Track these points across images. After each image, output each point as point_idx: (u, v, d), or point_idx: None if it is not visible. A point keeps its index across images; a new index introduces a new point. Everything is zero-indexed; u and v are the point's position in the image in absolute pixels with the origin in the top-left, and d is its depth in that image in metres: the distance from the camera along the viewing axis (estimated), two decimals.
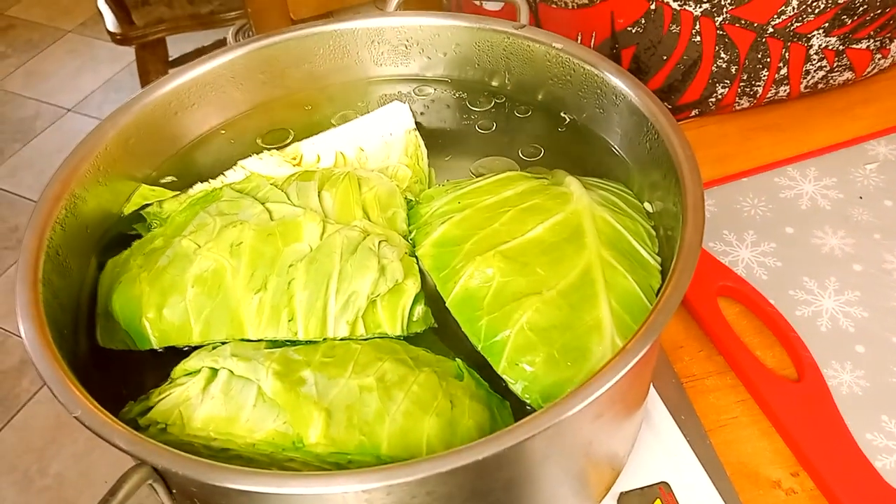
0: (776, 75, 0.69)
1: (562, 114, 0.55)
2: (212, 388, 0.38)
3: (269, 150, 0.54)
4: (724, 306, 0.58)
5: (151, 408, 0.39)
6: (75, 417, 0.35)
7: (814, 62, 0.68)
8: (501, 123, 0.56)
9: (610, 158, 0.52)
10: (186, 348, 0.43)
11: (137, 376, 0.44)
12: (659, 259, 0.45)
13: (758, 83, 0.69)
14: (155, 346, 0.43)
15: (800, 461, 0.51)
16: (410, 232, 0.48)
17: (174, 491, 0.36)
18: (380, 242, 0.44)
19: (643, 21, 0.67)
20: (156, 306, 0.43)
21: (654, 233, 0.47)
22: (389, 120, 0.56)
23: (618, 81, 0.49)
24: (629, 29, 0.67)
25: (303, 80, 0.57)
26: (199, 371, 0.40)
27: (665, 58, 0.68)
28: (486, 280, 0.43)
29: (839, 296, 0.59)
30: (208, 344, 0.42)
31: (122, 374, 0.44)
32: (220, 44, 2.03)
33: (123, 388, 0.43)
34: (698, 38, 0.66)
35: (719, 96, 0.70)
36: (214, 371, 0.39)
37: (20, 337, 0.38)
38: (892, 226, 0.63)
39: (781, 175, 0.68)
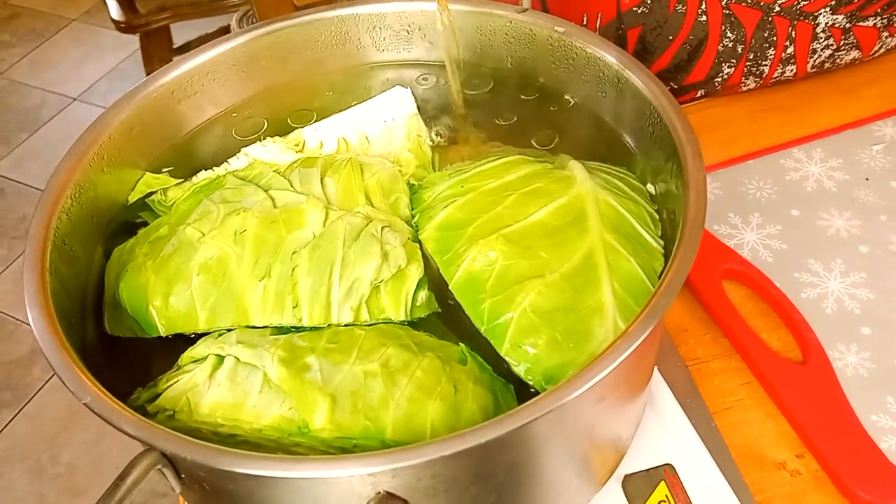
0: (783, 54, 0.68)
1: (564, 97, 0.55)
2: (218, 375, 0.39)
3: (271, 136, 0.54)
4: (730, 289, 0.58)
5: (159, 395, 0.40)
6: (85, 404, 0.35)
7: (820, 41, 0.68)
8: (503, 107, 0.56)
9: (613, 142, 0.52)
10: (193, 335, 0.44)
11: (145, 363, 0.44)
12: (662, 242, 0.45)
13: (764, 62, 0.69)
14: (162, 334, 0.44)
15: (805, 443, 0.51)
16: (413, 216, 0.48)
17: (183, 476, 0.36)
18: (382, 228, 0.44)
19: (649, 1, 0.66)
20: (162, 294, 0.43)
21: (657, 216, 0.47)
22: (392, 105, 0.56)
23: (620, 65, 0.49)
24: (635, 9, 0.67)
25: (305, 66, 0.57)
26: (205, 358, 0.40)
27: (671, 38, 0.68)
28: (489, 263, 0.43)
29: (845, 278, 0.58)
30: (214, 331, 0.43)
31: (130, 360, 0.45)
32: (224, 30, 2.03)
33: (131, 374, 0.43)
34: (704, 18, 0.65)
35: (725, 76, 0.70)
36: (221, 358, 0.40)
37: (30, 326, 0.39)
38: None
39: (787, 157, 0.67)
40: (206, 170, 0.52)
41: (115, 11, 1.80)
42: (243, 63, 0.55)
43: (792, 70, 0.70)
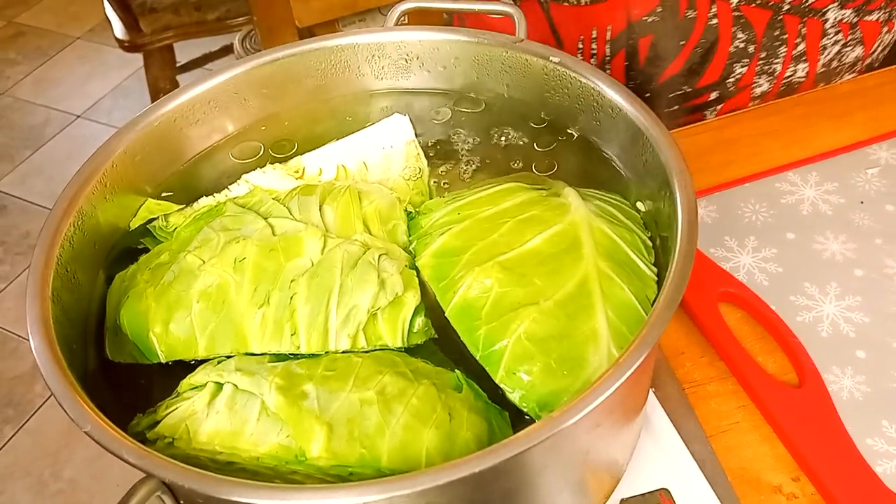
0: (794, 52, 0.69)
1: (560, 126, 0.56)
2: (217, 403, 0.39)
3: (272, 163, 0.55)
4: (726, 312, 0.59)
5: (159, 422, 0.40)
6: (85, 432, 0.36)
7: (829, 36, 0.68)
8: (499, 135, 0.57)
9: (607, 170, 0.53)
10: (193, 362, 0.44)
11: (145, 389, 0.45)
12: (655, 269, 0.46)
13: (776, 60, 0.69)
14: (162, 360, 0.44)
15: (801, 466, 0.51)
16: (411, 243, 0.49)
17: (181, 502, 0.37)
18: (380, 256, 0.45)
19: (659, 9, 0.67)
20: (162, 321, 0.44)
21: (650, 243, 0.48)
22: (390, 132, 0.57)
23: (613, 94, 0.50)
24: (645, 19, 0.68)
25: (305, 94, 0.58)
26: (204, 385, 0.41)
27: (682, 43, 0.68)
28: (485, 290, 0.44)
29: (840, 301, 0.59)
30: (214, 358, 0.43)
31: (131, 386, 0.45)
32: (227, 49, 2.05)
33: (132, 400, 0.44)
34: (715, 21, 0.66)
35: (738, 76, 0.70)
36: (219, 385, 0.40)
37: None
38: (893, 230, 0.63)
39: (782, 180, 0.68)
40: (207, 196, 0.53)
41: (119, 30, 1.82)
42: (244, 91, 0.56)
43: (804, 69, 0.71)
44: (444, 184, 0.55)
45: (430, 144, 0.57)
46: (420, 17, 0.59)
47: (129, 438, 0.36)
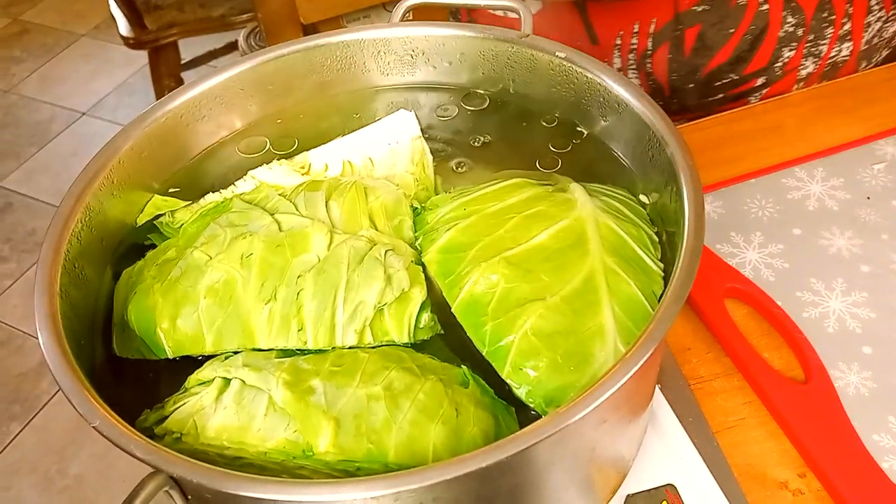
0: (840, 31, 0.68)
1: (565, 121, 0.56)
2: (224, 398, 0.40)
3: (278, 159, 0.55)
4: (732, 308, 0.59)
5: (167, 417, 0.41)
6: (94, 427, 0.36)
7: (874, 13, 0.68)
8: (505, 130, 0.57)
9: (613, 165, 0.53)
10: (200, 357, 0.44)
11: (153, 384, 0.45)
12: (661, 265, 0.46)
13: (822, 42, 0.69)
14: (170, 356, 0.44)
15: (807, 462, 0.51)
16: (416, 238, 0.49)
17: (189, 497, 0.37)
18: (386, 252, 0.45)
19: None
20: (169, 317, 0.44)
21: (656, 238, 0.48)
22: (396, 128, 0.57)
23: (620, 90, 0.50)
24: (695, 8, 0.67)
25: (311, 90, 0.58)
26: (212, 381, 0.41)
27: (732, 31, 0.68)
28: (491, 286, 0.44)
29: (846, 297, 0.59)
30: (221, 353, 0.43)
31: (138, 382, 0.46)
32: (232, 46, 2.05)
33: (139, 395, 0.44)
34: (766, 6, 0.66)
35: (785, 60, 0.70)
36: (227, 381, 0.41)
37: (39, 340, 0.39)
38: None
39: (789, 176, 0.68)
40: (213, 192, 0.53)
41: (124, 28, 1.82)
42: (250, 87, 0.56)
43: (848, 48, 0.70)
44: (449, 179, 0.55)
45: (435, 140, 0.57)
46: (425, 14, 0.59)
47: (137, 433, 0.36)
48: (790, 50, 0.69)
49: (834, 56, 0.71)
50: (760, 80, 0.72)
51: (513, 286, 0.43)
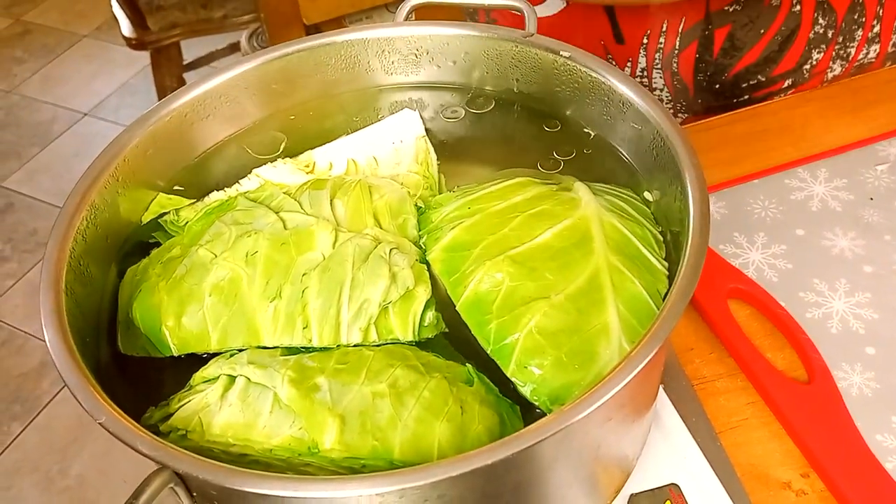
0: (869, 34, 0.68)
1: (570, 121, 0.56)
2: (229, 396, 0.40)
3: (282, 158, 0.55)
4: (735, 309, 0.59)
5: (172, 414, 0.41)
6: (100, 424, 0.36)
7: None
8: (509, 130, 0.57)
9: (618, 164, 0.53)
10: (205, 355, 0.44)
11: (158, 382, 0.45)
12: (666, 264, 0.46)
13: (851, 44, 0.69)
14: (175, 354, 0.44)
15: (810, 462, 0.51)
16: (421, 237, 0.49)
17: (195, 494, 0.37)
18: (391, 250, 0.45)
19: None
20: (175, 315, 0.44)
21: (661, 238, 0.48)
22: (400, 127, 0.57)
23: (624, 89, 0.50)
24: (726, 9, 0.67)
25: (315, 89, 0.58)
26: (217, 378, 0.41)
27: (762, 31, 0.68)
28: (496, 284, 0.44)
29: (849, 297, 0.59)
30: (226, 351, 0.43)
31: (143, 379, 0.46)
32: (234, 47, 2.05)
33: (144, 393, 0.44)
34: (798, 7, 0.66)
35: (814, 62, 0.70)
36: (232, 378, 0.41)
37: (40, 339, 0.40)
38: None
39: (792, 177, 0.68)
40: (218, 190, 0.53)
41: (126, 28, 1.83)
42: (254, 86, 0.57)
43: (875, 50, 0.70)
44: (453, 178, 0.55)
45: (439, 139, 0.57)
46: (428, 14, 0.59)
47: (142, 429, 0.36)
48: (819, 52, 0.69)
49: (861, 59, 0.71)
50: (787, 82, 0.72)
51: (517, 284, 0.44)
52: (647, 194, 0.50)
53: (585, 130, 0.55)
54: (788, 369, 0.56)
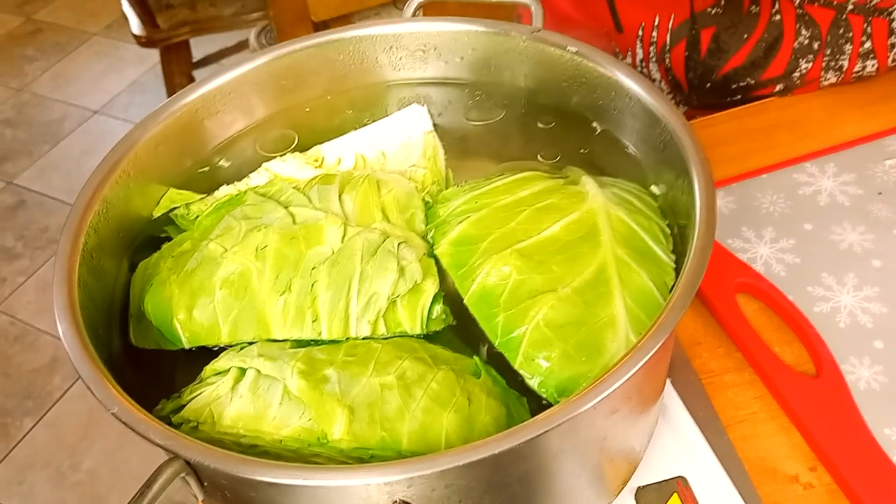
0: (861, 49, 0.68)
1: (577, 115, 0.56)
2: (240, 387, 0.40)
3: (291, 152, 0.56)
4: (743, 303, 0.59)
5: (183, 406, 0.41)
6: (112, 414, 0.36)
7: None
8: (517, 125, 0.57)
9: (624, 158, 0.53)
10: (216, 348, 0.45)
11: (169, 374, 0.46)
12: (673, 257, 0.46)
13: (842, 57, 0.69)
14: (186, 346, 0.45)
15: (818, 456, 0.51)
16: (429, 231, 0.49)
17: (206, 483, 0.38)
18: (399, 244, 0.45)
19: (722, 2, 0.67)
20: (186, 308, 0.44)
21: (668, 231, 0.48)
22: (408, 122, 0.57)
23: (631, 83, 0.50)
24: (709, 10, 0.67)
25: (323, 85, 0.59)
26: (227, 371, 0.41)
27: (746, 36, 0.68)
28: (503, 278, 0.44)
29: (858, 291, 0.59)
30: (236, 344, 0.44)
31: (155, 372, 0.46)
32: (243, 45, 2.06)
33: (156, 385, 0.45)
34: (778, 17, 0.66)
35: (803, 71, 0.70)
36: (242, 370, 0.41)
37: (52, 335, 0.40)
38: None
39: (800, 171, 0.68)
40: (227, 185, 0.54)
41: (136, 26, 1.84)
42: (264, 82, 0.57)
43: (873, 65, 0.70)
44: (461, 173, 0.55)
45: (447, 134, 0.57)
46: (435, 11, 0.60)
47: (155, 419, 0.36)
48: (807, 62, 0.69)
49: (858, 71, 0.70)
50: (779, 87, 0.73)
51: (525, 278, 0.44)
52: (654, 188, 0.50)
53: (593, 125, 0.55)
54: (796, 363, 0.56)
